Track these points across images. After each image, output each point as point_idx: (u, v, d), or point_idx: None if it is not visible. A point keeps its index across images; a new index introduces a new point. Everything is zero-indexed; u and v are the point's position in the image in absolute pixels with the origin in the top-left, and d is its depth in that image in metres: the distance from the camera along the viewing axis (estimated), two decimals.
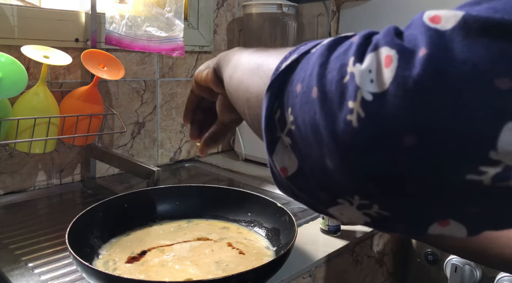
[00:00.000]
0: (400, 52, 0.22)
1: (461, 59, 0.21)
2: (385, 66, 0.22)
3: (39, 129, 0.73)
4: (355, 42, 0.26)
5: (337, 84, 0.24)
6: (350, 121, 0.23)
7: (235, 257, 0.56)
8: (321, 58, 0.26)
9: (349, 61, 0.24)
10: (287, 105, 0.27)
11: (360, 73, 0.23)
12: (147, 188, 0.69)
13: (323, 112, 0.25)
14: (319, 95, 0.25)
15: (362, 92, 0.23)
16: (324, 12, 1.29)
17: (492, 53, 0.20)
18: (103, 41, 0.87)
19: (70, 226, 0.53)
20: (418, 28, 0.23)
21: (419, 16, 0.23)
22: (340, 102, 0.24)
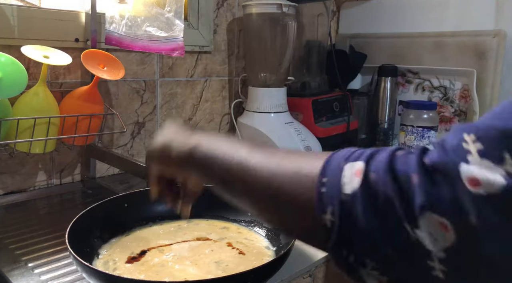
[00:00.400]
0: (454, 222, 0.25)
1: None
2: (443, 230, 0.25)
3: (39, 129, 0.73)
4: (393, 196, 0.28)
5: (408, 247, 0.27)
6: (437, 276, 0.27)
7: (235, 257, 0.56)
8: (374, 222, 0.29)
9: (404, 222, 0.27)
10: (362, 255, 0.30)
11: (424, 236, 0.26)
12: (147, 188, 0.69)
13: (410, 271, 0.28)
14: (397, 258, 0.28)
15: (435, 253, 0.26)
16: (324, 12, 1.29)
17: None
18: (103, 41, 0.87)
19: (70, 226, 0.53)
20: (463, 194, 0.25)
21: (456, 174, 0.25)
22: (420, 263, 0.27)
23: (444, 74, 1.23)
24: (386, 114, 1.30)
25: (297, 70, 1.30)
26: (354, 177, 0.30)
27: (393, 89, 1.29)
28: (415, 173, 0.27)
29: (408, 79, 1.32)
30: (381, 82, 1.29)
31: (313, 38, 1.31)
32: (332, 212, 0.30)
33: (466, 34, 1.19)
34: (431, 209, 0.26)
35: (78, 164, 0.93)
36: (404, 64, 1.31)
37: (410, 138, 1.12)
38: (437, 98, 1.25)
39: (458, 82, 1.21)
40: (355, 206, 0.29)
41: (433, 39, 1.26)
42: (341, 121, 1.23)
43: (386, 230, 0.28)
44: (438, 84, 1.25)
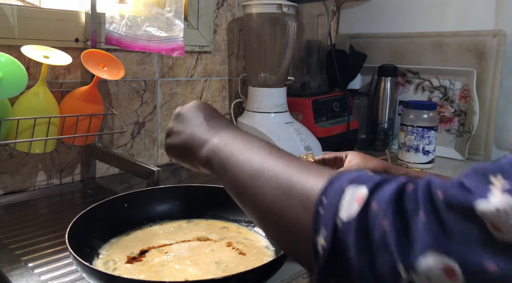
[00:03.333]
0: (464, 266, 0.22)
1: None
2: (449, 277, 0.22)
3: (39, 129, 0.73)
4: (389, 231, 0.25)
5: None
6: None
7: (235, 257, 0.56)
8: (364, 254, 0.26)
9: (398, 264, 0.24)
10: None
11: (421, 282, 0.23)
12: (147, 188, 0.69)
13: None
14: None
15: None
16: (324, 12, 1.29)
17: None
18: (103, 41, 0.87)
19: (70, 226, 0.53)
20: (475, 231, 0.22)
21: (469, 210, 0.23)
22: None
23: (444, 74, 1.23)
24: (386, 114, 1.30)
25: (297, 70, 1.30)
26: (354, 203, 0.28)
27: (393, 89, 1.29)
28: (423, 211, 0.24)
29: (408, 79, 1.32)
30: (381, 82, 1.29)
31: (313, 38, 1.31)
32: (325, 237, 0.29)
33: (466, 34, 1.19)
34: (438, 250, 0.23)
35: (78, 164, 0.93)
36: (404, 64, 1.31)
37: (410, 138, 1.12)
38: (437, 98, 1.25)
39: (458, 82, 1.21)
40: (348, 234, 0.27)
41: (433, 39, 1.26)
42: (341, 121, 1.23)
43: (377, 269, 0.25)
44: (438, 84, 1.25)
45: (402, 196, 0.26)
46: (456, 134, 1.22)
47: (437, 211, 0.24)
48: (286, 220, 0.33)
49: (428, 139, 1.10)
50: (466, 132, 1.19)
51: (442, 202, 0.24)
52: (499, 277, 0.21)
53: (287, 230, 0.34)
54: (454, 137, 1.23)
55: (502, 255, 0.21)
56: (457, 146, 1.22)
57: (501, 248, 0.21)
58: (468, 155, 1.18)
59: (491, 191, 0.22)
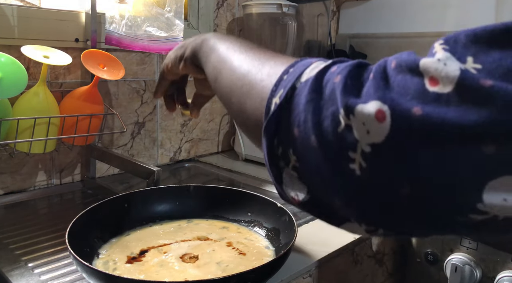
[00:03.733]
0: (393, 109, 0.24)
1: (453, 123, 0.22)
2: (379, 120, 0.24)
3: (39, 129, 0.73)
4: (338, 83, 0.27)
5: (334, 134, 0.26)
6: (354, 169, 0.25)
7: (235, 257, 0.57)
8: (312, 103, 0.28)
9: (340, 109, 0.26)
10: (288, 145, 0.29)
11: (356, 126, 0.25)
12: (147, 188, 0.69)
13: (326, 161, 0.27)
14: (318, 144, 0.27)
15: (362, 145, 0.25)
16: (324, 12, 1.29)
17: (481, 118, 0.21)
18: (103, 41, 0.87)
19: (70, 226, 0.53)
20: (413, 84, 0.24)
21: (415, 68, 0.24)
22: (341, 152, 0.26)
23: None
24: None
25: None
26: (316, 69, 0.30)
27: None
28: (373, 74, 0.26)
29: None
30: None
31: (313, 38, 1.31)
32: (280, 95, 0.30)
33: None
34: (377, 99, 0.24)
35: (78, 164, 0.93)
36: None
37: None
38: None
39: None
40: (303, 90, 0.29)
41: (433, 39, 1.24)
42: None
43: (319, 116, 0.27)
44: None
45: (360, 66, 0.29)
46: None
47: (385, 71, 0.26)
48: (248, 81, 0.35)
49: None
50: None
51: (392, 66, 0.26)
52: (422, 120, 0.22)
53: (248, 91, 0.35)
54: None
55: (432, 102, 0.22)
56: None
57: (432, 97, 0.23)
58: None
59: (435, 51, 0.25)
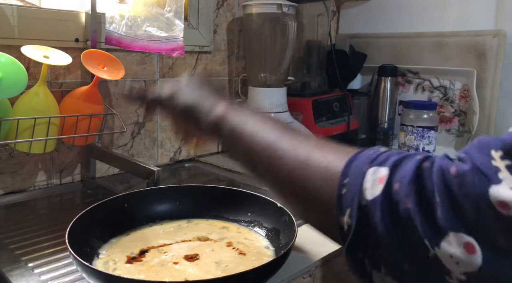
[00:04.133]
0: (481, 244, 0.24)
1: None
2: (469, 253, 0.24)
3: (39, 129, 0.73)
4: (412, 210, 0.27)
5: (425, 261, 0.26)
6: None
7: (235, 257, 0.56)
8: (391, 229, 0.28)
9: (424, 240, 0.26)
10: (377, 262, 0.29)
11: (444, 258, 0.25)
12: (147, 188, 0.69)
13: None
14: (411, 269, 0.27)
15: (455, 274, 0.25)
16: (324, 12, 1.29)
17: None
18: (103, 41, 0.87)
19: (70, 226, 0.53)
20: (488, 216, 0.24)
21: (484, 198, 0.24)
22: (439, 276, 0.26)
23: (444, 74, 1.23)
24: (386, 114, 1.30)
25: (297, 70, 1.30)
26: (376, 184, 0.29)
27: (393, 89, 1.29)
28: (438, 195, 0.26)
29: (408, 79, 1.32)
30: (381, 82, 1.29)
31: (313, 38, 1.31)
32: (350, 215, 0.30)
33: (466, 34, 1.19)
34: (457, 229, 0.25)
35: (78, 164, 0.93)
36: (404, 64, 1.31)
37: (410, 138, 1.12)
38: (437, 98, 1.25)
39: (458, 82, 1.21)
40: (374, 212, 0.28)
41: (433, 39, 1.26)
42: (341, 121, 1.23)
43: (403, 243, 0.27)
44: (438, 84, 1.25)
45: (420, 175, 0.28)
46: (456, 134, 1.22)
47: (452, 195, 0.25)
48: (306, 193, 0.34)
49: (428, 139, 1.10)
50: (466, 132, 1.19)
51: (454, 179, 0.26)
52: (508, 249, 0.23)
53: (309, 202, 0.35)
54: (454, 137, 1.23)
55: (509, 228, 0.23)
56: (457, 146, 1.22)
57: (507, 222, 0.23)
58: None
59: (501, 174, 0.24)
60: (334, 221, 0.31)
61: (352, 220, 0.30)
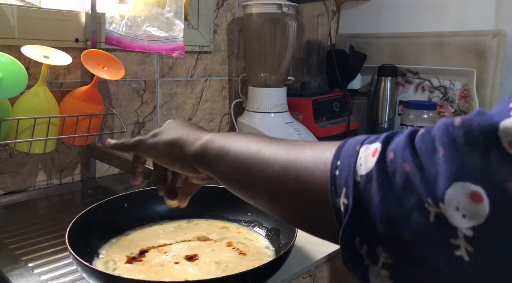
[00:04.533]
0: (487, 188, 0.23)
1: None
2: (475, 202, 0.23)
3: (39, 129, 0.73)
4: (412, 172, 0.25)
5: (427, 226, 0.25)
6: (461, 256, 0.24)
7: (235, 257, 0.56)
8: (388, 198, 0.26)
9: (425, 199, 0.25)
10: (376, 244, 0.28)
11: (449, 213, 0.24)
12: (147, 188, 0.69)
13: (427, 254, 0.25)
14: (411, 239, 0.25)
15: (462, 230, 0.23)
16: (324, 12, 1.29)
17: None
18: (103, 41, 0.87)
19: (70, 226, 0.53)
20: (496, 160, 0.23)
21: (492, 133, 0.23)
22: (442, 242, 0.24)
23: (444, 74, 1.23)
24: (386, 114, 1.30)
25: (297, 70, 1.30)
26: (370, 157, 0.29)
27: (393, 89, 1.29)
28: (442, 146, 0.25)
29: (408, 79, 1.32)
30: (381, 82, 1.29)
31: (313, 38, 1.31)
32: (346, 194, 0.29)
33: (466, 34, 1.19)
34: (463, 178, 0.23)
35: (78, 164, 0.93)
36: (404, 64, 1.31)
37: None
38: (437, 98, 1.25)
39: (458, 82, 1.21)
40: (370, 185, 0.27)
41: (433, 39, 1.26)
42: (341, 121, 1.23)
43: (403, 210, 0.26)
44: (438, 84, 1.25)
45: (414, 139, 0.27)
46: None
47: (454, 141, 0.24)
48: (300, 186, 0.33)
49: None
50: None
51: (459, 130, 0.24)
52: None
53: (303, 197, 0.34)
54: None
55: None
56: None
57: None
58: None
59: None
60: (329, 207, 0.30)
61: (349, 199, 0.29)
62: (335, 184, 0.30)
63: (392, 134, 0.30)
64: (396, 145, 0.28)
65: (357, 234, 0.29)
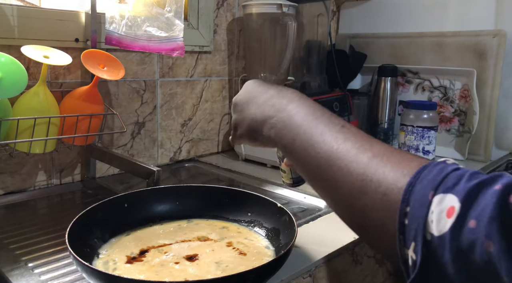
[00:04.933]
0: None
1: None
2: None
3: (39, 129, 0.73)
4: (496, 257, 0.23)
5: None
6: None
7: (235, 257, 0.56)
8: (463, 272, 0.24)
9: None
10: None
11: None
12: (147, 188, 0.69)
13: None
14: None
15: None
16: (324, 12, 1.29)
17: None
18: (103, 41, 0.87)
19: (70, 226, 0.53)
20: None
21: None
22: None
23: (444, 74, 1.23)
24: (386, 114, 1.30)
25: (297, 70, 1.30)
26: (444, 217, 0.25)
27: (393, 89, 1.29)
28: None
29: (408, 79, 1.32)
30: (381, 82, 1.29)
31: (313, 38, 1.31)
32: (414, 250, 0.26)
33: (466, 34, 1.19)
34: None
35: (78, 164, 0.93)
36: (404, 64, 1.31)
37: (410, 138, 1.12)
38: (437, 98, 1.25)
39: (458, 82, 1.21)
40: (442, 251, 0.25)
41: (433, 39, 1.26)
42: None
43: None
44: (438, 84, 1.25)
45: (506, 212, 0.23)
46: (456, 134, 1.22)
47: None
48: (363, 218, 0.31)
49: (428, 139, 1.10)
50: (466, 132, 1.19)
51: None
52: None
53: (369, 228, 0.32)
54: (454, 137, 1.23)
55: None
56: (457, 146, 1.22)
57: None
58: (468, 155, 1.18)
59: None
60: (398, 254, 0.28)
61: (417, 256, 0.26)
62: (404, 235, 0.28)
63: (477, 188, 0.25)
64: (482, 212, 0.23)
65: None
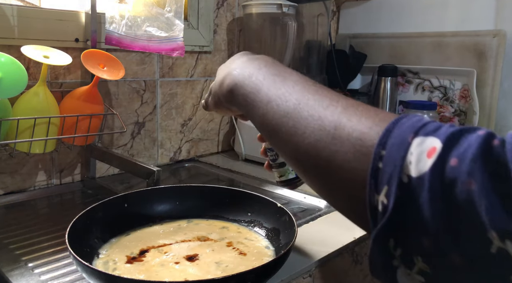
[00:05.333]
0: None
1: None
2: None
3: (39, 129, 0.73)
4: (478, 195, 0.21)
5: (485, 256, 0.22)
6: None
7: (235, 257, 0.56)
8: (442, 213, 0.23)
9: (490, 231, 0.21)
10: (414, 253, 0.24)
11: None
12: (147, 188, 0.69)
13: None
14: (463, 264, 0.22)
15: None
16: (324, 12, 1.29)
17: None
18: (103, 41, 0.87)
19: (70, 226, 0.53)
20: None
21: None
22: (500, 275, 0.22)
23: (444, 74, 1.23)
24: None
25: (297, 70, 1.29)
26: (424, 158, 0.24)
27: (393, 89, 1.29)
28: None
29: (408, 79, 1.32)
30: (381, 82, 1.29)
31: (313, 38, 1.31)
32: (386, 194, 0.25)
33: (466, 34, 1.19)
34: None
35: (78, 164, 0.93)
36: (404, 64, 1.31)
37: None
38: (437, 98, 1.25)
39: (458, 82, 1.21)
40: (420, 192, 0.23)
41: (433, 39, 1.26)
42: None
43: (457, 232, 0.22)
44: (438, 84, 1.25)
45: (488, 151, 0.22)
46: None
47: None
48: (332, 168, 0.29)
49: None
50: None
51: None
52: None
53: (335, 179, 0.29)
54: None
55: None
56: None
57: None
58: None
59: None
60: (365, 200, 0.26)
61: (389, 200, 0.25)
62: (376, 179, 0.26)
63: (460, 132, 0.24)
64: (465, 152, 0.23)
65: (393, 237, 0.25)
